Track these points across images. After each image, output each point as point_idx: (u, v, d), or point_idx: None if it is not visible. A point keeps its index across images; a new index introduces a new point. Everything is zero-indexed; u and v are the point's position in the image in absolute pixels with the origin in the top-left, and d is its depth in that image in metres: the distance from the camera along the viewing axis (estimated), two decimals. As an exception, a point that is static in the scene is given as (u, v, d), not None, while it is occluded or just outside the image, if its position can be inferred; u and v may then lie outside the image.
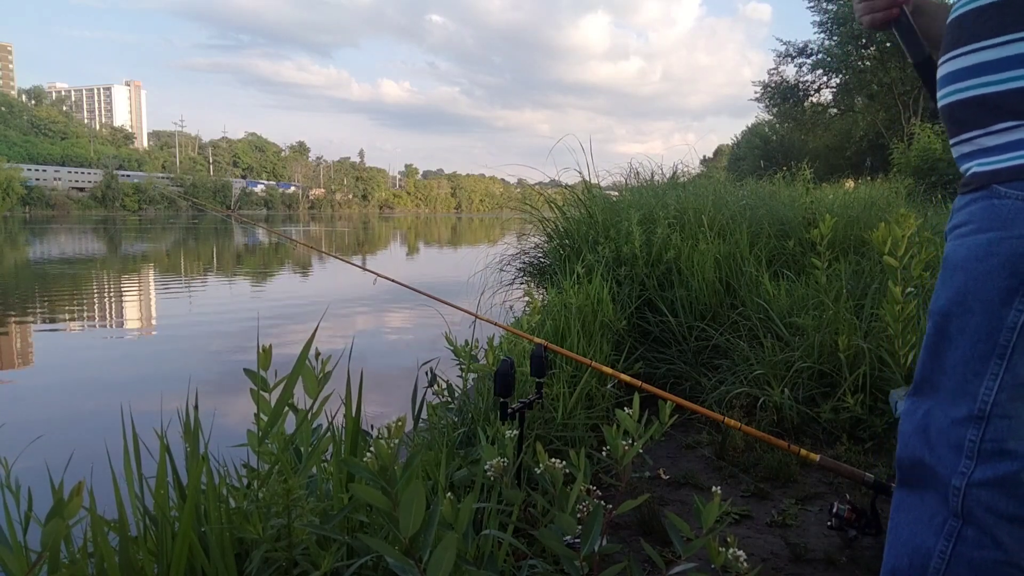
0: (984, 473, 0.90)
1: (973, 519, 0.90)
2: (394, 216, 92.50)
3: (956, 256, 0.96)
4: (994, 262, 0.90)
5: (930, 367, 0.99)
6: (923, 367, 1.00)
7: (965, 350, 0.93)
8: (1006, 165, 0.92)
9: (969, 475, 0.91)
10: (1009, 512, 0.88)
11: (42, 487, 1.23)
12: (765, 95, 28.84)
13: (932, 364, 0.98)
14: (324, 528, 1.27)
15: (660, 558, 1.22)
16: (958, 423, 0.92)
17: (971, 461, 0.91)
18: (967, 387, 0.92)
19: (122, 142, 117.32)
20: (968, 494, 0.90)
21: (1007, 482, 0.89)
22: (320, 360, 1.49)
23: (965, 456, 0.91)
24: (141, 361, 7.34)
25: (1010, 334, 0.89)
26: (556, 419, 2.45)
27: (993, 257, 0.90)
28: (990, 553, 0.88)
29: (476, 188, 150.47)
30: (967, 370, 0.92)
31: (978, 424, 0.90)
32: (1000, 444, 0.89)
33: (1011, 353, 0.89)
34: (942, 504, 0.93)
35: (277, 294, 13.09)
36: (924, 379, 1.00)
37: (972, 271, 0.93)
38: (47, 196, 78.29)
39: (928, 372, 0.99)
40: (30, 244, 28.35)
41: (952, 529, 0.92)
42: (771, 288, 3.47)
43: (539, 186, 6.04)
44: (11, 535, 1.14)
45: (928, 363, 1.00)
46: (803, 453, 1.89)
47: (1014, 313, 0.88)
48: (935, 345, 0.98)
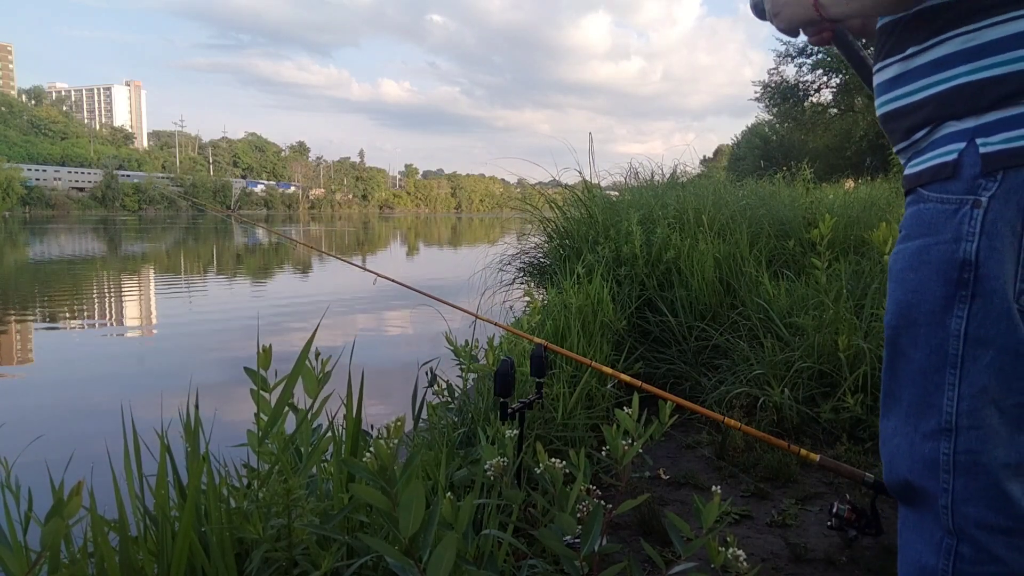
0: (966, 488, 0.86)
1: (966, 536, 0.87)
2: (394, 216, 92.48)
3: (894, 267, 0.93)
4: (927, 271, 0.88)
5: (890, 384, 0.96)
6: (885, 384, 0.97)
7: (920, 362, 0.90)
8: (926, 166, 0.90)
9: (951, 491, 0.88)
10: (1000, 524, 0.85)
11: (42, 487, 1.23)
12: (765, 95, 28.83)
13: (892, 381, 0.95)
14: (324, 528, 1.27)
15: (660, 558, 1.22)
16: (928, 437, 0.89)
17: (949, 476, 0.87)
18: (930, 399, 0.89)
19: (122, 142, 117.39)
20: (955, 511, 0.87)
21: (990, 494, 0.85)
22: (320, 360, 1.50)
23: (943, 471, 0.88)
24: (141, 360, 7.35)
25: (957, 342, 0.86)
26: (556, 419, 2.45)
27: (925, 266, 0.88)
28: (989, 568, 0.86)
29: (476, 188, 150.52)
30: (926, 383, 0.90)
31: (948, 437, 0.87)
32: (975, 456, 0.86)
33: (962, 361, 0.86)
34: (936, 522, 0.90)
35: (277, 294, 13.09)
36: (888, 395, 0.96)
37: (909, 282, 0.90)
38: (47, 196, 78.35)
39: (890, 389, 0.96)
40: (30, 244, 28.35)
41: (949, 547, 0.88)
42: (771, 288, 3.47)
43: (539, 186, 6.05)
44: (11, 535, 1.14)
45: (888, 380, 0.96)
46: (803, 453, 1.89)
47: (955, 320, 0.85)
48: (891, 360, 0.95)
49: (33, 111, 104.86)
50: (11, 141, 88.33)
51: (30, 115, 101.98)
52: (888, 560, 1.89)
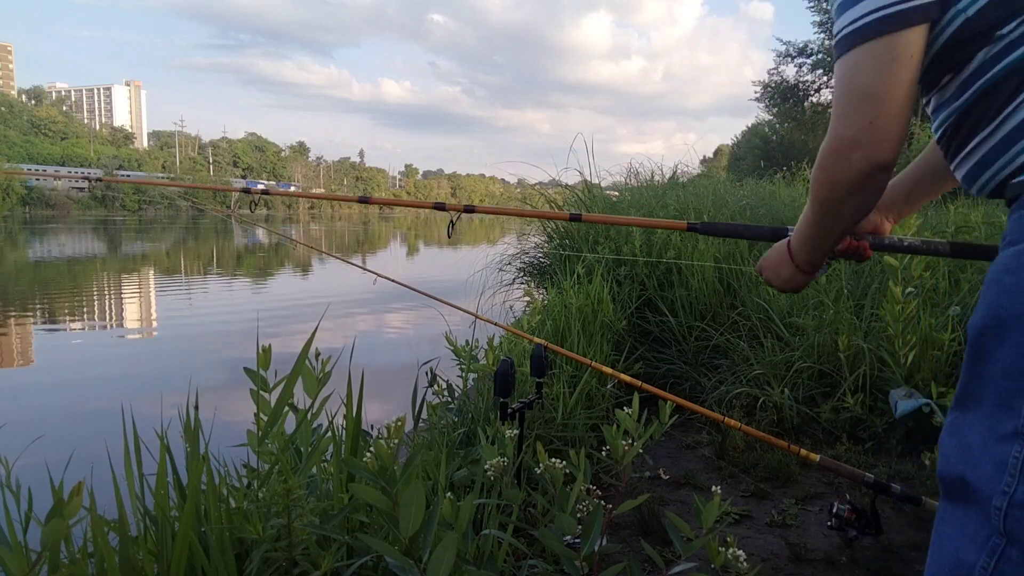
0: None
1: (1016, 540, 0.87)
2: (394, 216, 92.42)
3: (993, 271, 0.94)
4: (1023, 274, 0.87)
5: (970, 382, 0.95)
6: (963, 382, 0.96)
7: (1004, 364, 0.88)
8: None
9: (1011, 495, 0.85)
10: None
11: (42, 487, 1.23)
12: (765, 95, 28.84)
13: (972, 379, 0.95)
14: (324, 528, 1.27)
15: (660, 558, 1.22)
16: (1002, 439, 0.87)
17: (1013, 479, 0.86)
18: (1011, 403, 0.87)
19: (122, 142, 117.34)
20: (1009, 514, 0.85)
21: None
22: (320, 360, 1.50)
23: (1008, 474, 0.86)
24: (141, 361, 7.34)
25: None
26: (556, 419, 2.45)
27: (1022, 269, 0.86)
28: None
29: (476, 188, 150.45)
30: (1008, 384, 0.88)
31: (1022, 441, 0.86)
32: None
33: None
34: (985, 521, 0.90)
35: (277, 294, 13.09)
36: (966, 393, 0.95)
37: (1006, 284, 0.88)
38: (47, 196, 78.31)
39: (969, 387, 0.94)
40: (30, 244, 28.36)
41: (996, 547, 0.88)
42: (771, 288, 3.46)
43: (539, 186, 6.05)
44: (11, 535, 1.14)
45: (968, 378, 0.96)
46: (803, 453, 1.89)
47: None
48: (973, 359, 0.93)
49: (33, 111, 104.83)
50: (11, 141, 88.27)
51: (30, 115, 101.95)
52: (888, 560, 1.89)
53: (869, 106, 0.91)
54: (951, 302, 2.99)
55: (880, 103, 0.91)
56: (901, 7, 0.88)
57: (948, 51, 0.91)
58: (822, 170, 0.99)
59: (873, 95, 0.91)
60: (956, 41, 0.90)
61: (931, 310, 2.93)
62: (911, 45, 0.89)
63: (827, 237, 1.10)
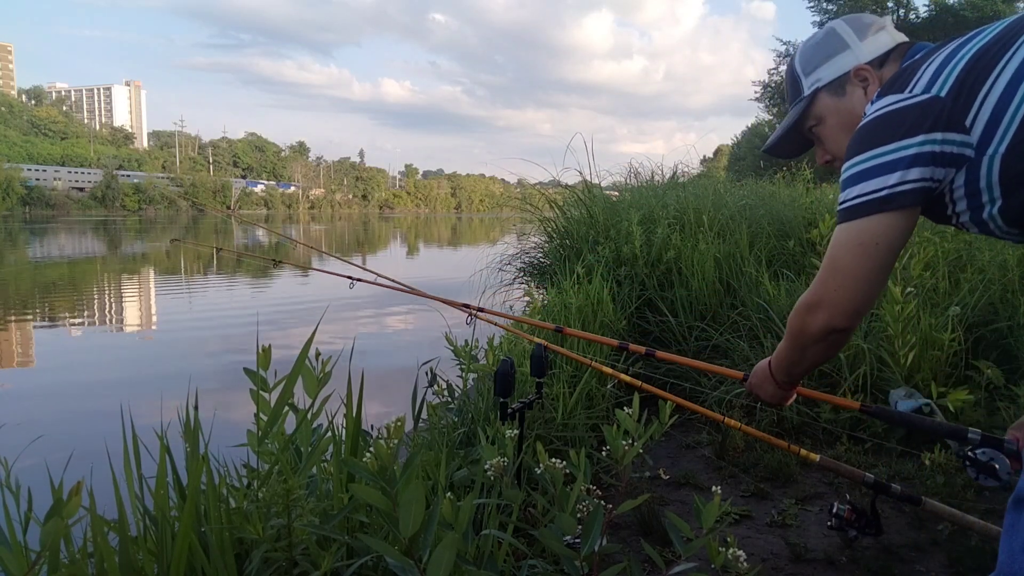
0: None
1: None
2: (394, 216, 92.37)
3: None
4: None
5: None
6: None
7: None
8: None
9: None
10: None
11: (42, 487, 1.23)
12: (765, 95, 28.86)
13: None
14: (324, 528, 1.27)
15: (660, 558, 1.22)
16: None
17: None
18: None
19: (122, 142, 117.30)
20: None
21: None
22: (320, 360, 1.49)
23: None
24: (141, 361, 7.34)
25: None
26: (556, 419, 2.45)
27: None
28: None
29: (476, 188, 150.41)
30: None
31: None
32: None
33: None
34: None
35: (277, 294, 13.08)
36: None
37: None
38: (47, 196, 78.24)
39: None
40: (29, 244, 28.35)
41: None
42: (771, 288, 3.46)
43: (539, 186, 6.05)
44: (11, 535, 1.14)
45: None
46: (803, 453, 1.89)
47: None
48: None
49: (33, 111, 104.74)
50: (11, 141, 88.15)
51: (30, 115, 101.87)
52: (888, 560, 1.89)
53: (837, 280, 1.02)
54: (951, 302, 2.99)
55: (846, 279, 1.01)
56: (871, 197, 0.97)
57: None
58: (794, 317, 1.12)
59: (842, 270, 1.01)
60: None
61: (931, 310, 2.93)
62: (879, 233, 0.98)
63: (797, 367, 1.22)
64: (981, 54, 0.93)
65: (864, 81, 1.13)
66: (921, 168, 0.94)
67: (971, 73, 0.92)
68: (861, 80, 1.14)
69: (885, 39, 1.14)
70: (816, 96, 1.19)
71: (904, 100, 0.96)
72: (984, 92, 0.90)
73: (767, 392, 1.35)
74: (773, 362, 1.29)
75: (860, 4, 25.12)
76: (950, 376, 2.79)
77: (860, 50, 1.14)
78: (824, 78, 1.17)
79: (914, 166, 0.94)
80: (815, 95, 1.19)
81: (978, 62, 0.92)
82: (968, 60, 0.93)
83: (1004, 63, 0.90)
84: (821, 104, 1.19)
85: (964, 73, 0.92)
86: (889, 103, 0.98)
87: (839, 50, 1.16)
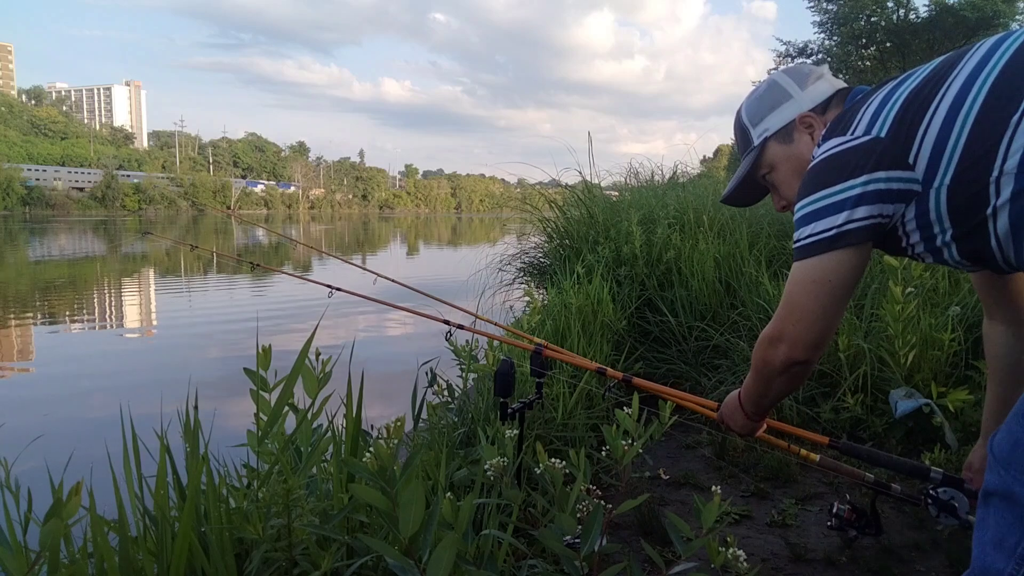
0: None
1: None
2: (394, 216, 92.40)
3: None
4: None
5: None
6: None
7: None
8: None
9: None
10: None
11: (42, 487, 1.23)
12: (765, 95, 28.79)
13: None
14: (324, 528, 1.27)
15: (660, 558, 1.22)
16: None
17: None
18: None
19: (122, 142, 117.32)
20: None
21: None
22: (320, 360, 1.50)
23: None
24: (141, 361, 7.34)
25: None
26: (556, 419, 2.45)
27: None
28: None
29: (476, 188, 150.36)
30: None
31: None
32: None
33: None
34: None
35: (277, 293, 13.08)
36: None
37: None
38: (47, 196, 78.23)
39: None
40: (29, 244, 28.36)
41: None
42: (771, 288, 3.46)
43: (539, 186, 6.05)
44: (11, 535, 1.14)
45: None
46: (803, 453, 1.89)
47: None
48: None
49: (33, 111, 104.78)
50: (11, 141, 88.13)
51: (30, 115, 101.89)
52: (888, 560, 1.89)
53: (795, 315, 1.06)
54: (951, 302, 2.99)
55: (804, 314, 1.05)
56: (821, 236, 1.01)
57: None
58: (757, 349, 1.15)
59: (799, 306, 1.05)
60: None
61: (931, 310, 2.92)
62: (830, 270, 1.01)
63: (764, 399, 1.24)
64: (916, 93, 0.97)
65: (809, 127, 1.19)
66: (868, 207, 0.98)
67: (908, 111, 0.96)
68: (807, 127, 1.19)
69: (824, 87, 1.21)
70: (765, 145, 1.24)
71: (847, 142, 1.01)
72: (923, 128, 0.94)
73: (737, 423, 1.38)
74: (743, 394, 1.32)
75: (860, 4, 25.09)
76: (950, 376, 2.78)
77: (802, 98, 1.21)
78: (771, 127, 1.23)
79: (860, 205, 0.98)
80: (764, 144, 1.24)
81: (914, 101, 0.96)
82: (904, 99, 0.97)
83: (939, 99, 0.93)
84: (771, 152, 1.24)
85: (902, 112, 0.96)
86: (833, 146, 1.03)
87: (782, 100, 1.22)
